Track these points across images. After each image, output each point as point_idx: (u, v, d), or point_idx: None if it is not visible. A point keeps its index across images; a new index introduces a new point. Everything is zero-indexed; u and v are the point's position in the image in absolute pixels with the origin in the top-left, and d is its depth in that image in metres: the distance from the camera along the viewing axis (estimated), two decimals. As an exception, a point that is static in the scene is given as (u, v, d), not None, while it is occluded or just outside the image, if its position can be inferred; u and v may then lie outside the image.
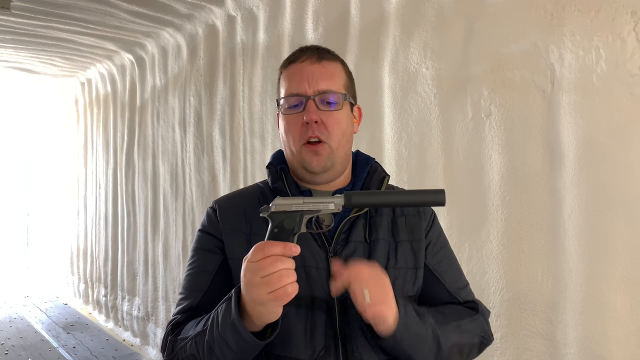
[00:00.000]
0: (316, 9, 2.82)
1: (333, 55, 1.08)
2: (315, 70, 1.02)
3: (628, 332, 1.60)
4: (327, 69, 1.04)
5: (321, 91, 1.01)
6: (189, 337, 0.94)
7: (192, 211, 4.02)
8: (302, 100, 1.01)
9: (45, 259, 7.99)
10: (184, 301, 1.04)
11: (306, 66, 1.03)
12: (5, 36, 4.30)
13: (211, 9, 3.58)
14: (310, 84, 1.01)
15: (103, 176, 5.69)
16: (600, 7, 1.66)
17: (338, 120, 1.02)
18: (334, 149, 1.02)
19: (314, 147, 1.01)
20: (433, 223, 1.13)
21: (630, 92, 1.59)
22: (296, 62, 1.05)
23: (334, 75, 1.04)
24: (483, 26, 2.00)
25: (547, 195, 1.80)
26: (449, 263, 1.12)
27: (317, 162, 1.01)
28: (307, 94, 1.01)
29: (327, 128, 1.01)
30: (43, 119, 7.96)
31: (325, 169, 1.03)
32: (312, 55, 1.04)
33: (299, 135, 1.01)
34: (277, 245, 0.80)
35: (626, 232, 1.61)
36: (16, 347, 4.97)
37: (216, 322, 0.88)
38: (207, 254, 1.05)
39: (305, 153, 1.01)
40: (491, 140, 1.97)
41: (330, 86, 1.02)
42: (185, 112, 4.08)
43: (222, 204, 1.09)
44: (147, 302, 4.64)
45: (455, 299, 1.09)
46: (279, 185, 1.05)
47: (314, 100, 1.00)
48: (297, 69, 1.04)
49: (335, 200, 0.82)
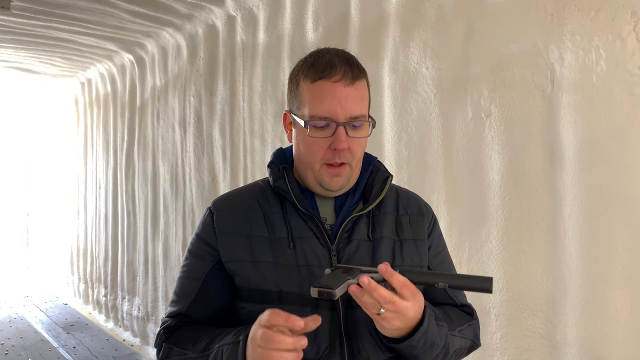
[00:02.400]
0: (316, 9, 2.82)
1: (362, 71, 1.01)
2: (349, 94, 0.97)
3: (628, 332, 1.60)
4: (359, 92, 0.99)
5: (352, 117, 0.97)
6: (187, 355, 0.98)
7: (192, 211, 4.02)
8: (332, 124, 0.97)
9: (45, 259, 7.99)
10: (175, 306, 1.07)
11: (339, 87, 0.96)
12: (5, 36, 4.30)
13: (211, 9, 3.58)
14: (342, 109, 0.96)
15: (103, 176, 5.69)
16: (600, 7, 1.66)
17: (363, 144, 1.02)
18: (353, 168, 1.02)
19: (335, 170, 0.99)
20: (434, 225, 1.13)
21: (630, 92, 1.59)
22: (327, 80, 0.97)
23: (364, 97, 1.00)
24: (483, 26, 2.00)
25: (547, 195, 1.80)
26: (447, 266, 1.14)
27: (336, 182, 1.01)
28: (338, 120, 0.96)
29: (352, 152, 0.99)
30: (43, 119, 7.96)
31: (342, 187, 1.03)
32: (346, 74, 0.97)
33: (321, 156, 0.99)
34: (281, 316, 0.82)
35: (626, 232, 1.61)
36: (16, 347, 4.97)
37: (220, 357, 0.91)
38: (197, 261, 1.05)
39: (326, 174, 1.00)
40: (491, 140, 1.97)
41: (362, 110, 0.99)
42: (185, 112, 4.08)
43: (220, 206, 1.07)
44: (147, 302, 4.65)
45: (452, 301, 1.12)
46: (280, 184, 1.04)
47: (344, 127, 0.96)
48: (330, 90, 0.96)
49: None
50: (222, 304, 1.04)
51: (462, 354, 1.07)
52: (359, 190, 1.07)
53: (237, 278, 1.01)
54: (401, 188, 1.17)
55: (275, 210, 1.04)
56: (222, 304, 1.04)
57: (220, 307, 1.04)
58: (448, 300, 1.11)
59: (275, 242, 1.01)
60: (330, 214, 1.06)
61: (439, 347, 0.95)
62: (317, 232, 1.01)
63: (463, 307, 1.13)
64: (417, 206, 1.12)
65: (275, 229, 1.02)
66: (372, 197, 1.05)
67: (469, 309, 1.13)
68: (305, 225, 1.02)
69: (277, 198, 1.06)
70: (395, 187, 1.16)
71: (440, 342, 0.95)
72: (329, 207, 1.06)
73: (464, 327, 1.06)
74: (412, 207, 1.11)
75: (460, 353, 1.05)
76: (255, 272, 0.99)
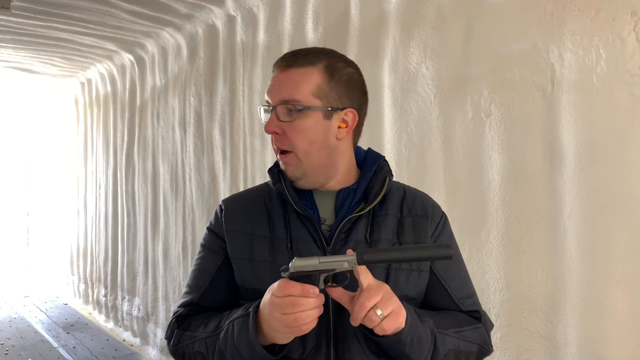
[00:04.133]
0: (316, 9, 2.82)
1: (309, 60, 1.00)
2: (281, 79, 1.01)
3: (628, 332, 1.60)
4: (293, 77, 1.00)
5: (282, 101, 0.99)
6: (197, 336, 1.01)
7: (192, 211, 4.02)
8: (269, 109, 1.02)
9: (45, 259, 7.99)
10: (187, 296, 1.10)
11: (277, 74, 1.03)
12: (5, 36, 4.30)
13: (211, 9, 3.58)
14: (273, 94, 1.01)
15: (103, 176, 5.69)
16: (600, 7, 1.66)
17: (301, 130, 0.99)
18: (302, 159, 1.01)
19: (282, 158, 1.03)
20: (444, 227, 1.10)
21: (630, 92, 1.59)
22: (276, 69, 1.04)
23: (300, 83, 0.99)
24: (483, 26, 2.00)
25: (547, 195, 1.80)
26: (456, 271, 1.10)
27: (288, 171, 1.04)
28: (272, 104, 1.01)
29: (288, 138, 1.00)
30: (43, 119, 7.96)
31: (297, 178, 1.03)
32: (282, 62, 1.02)
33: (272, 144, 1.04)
34: (296, 287, 0.85)
35: (626, 232, 1.60)
36: (16, 347, 4.96)
37: (231, 333, 0.94)
38: (210, 253, 1.09)
39: (280, 162, 1.05)
40: (491, 140, 1.97)
41: (293, 95, 0.98)
42: (185, 112, 4.08)
43: (228, 204, 1.11)
44: (147, 302, 4.65)
45: (458, 308, 1.08)
46: (278, 187, 1.05)
47: (275, 110, 1.00)
48: (273, 77, 1.04)
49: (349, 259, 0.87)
50: (232, 296, 1.07)
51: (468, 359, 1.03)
52: (360, 190, 1.05)
53: (236, 275, 1.05)
54: (410, 188, 1.14)
55: (278, 211, 1.06)
56: (232, 296, 1.07)
57: (230, 298, 1.07)
58: (453, 307, 1.07)
59: (275, 243, 1.02)
60: (330, 214, 1.05)
61: (427, 342, 0.94)
62: (314, 234, 1.01)
63: (471, 313, 1.09)
64: (422, 207, 1.09)
65: (277, 230, 1.04)
66: (371, 197, 1.04)
67: (477, 314, 1.09)
68: (303, 226, 1.02)
69: (280, 200, 1.07)
70: (404, 187, 1.13)
71: (426, 335, 0.94)
72: (329, 207, 1.05)
73: (465, 330, 1.03)
74: (417, 209, 1.08)
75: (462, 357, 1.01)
76: (252, 271, 1.02)
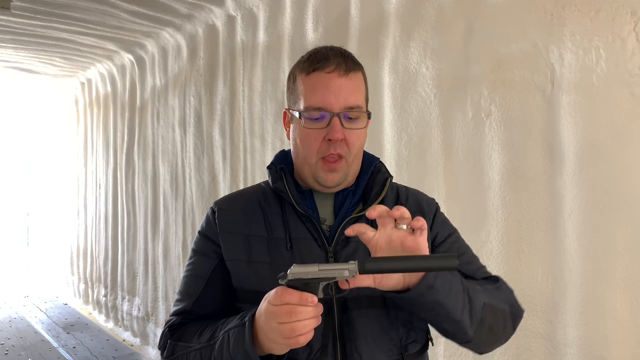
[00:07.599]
0: (316, 9, 2.82)
1: (356, 64, 1.02)
2: (343, 84, 0.97)
3: (628, 332, 1.60)
4: (354, 82, 0.99)
5: (347, 107, 0.97)
6: (192, 347, 0.97)
7: (192, 211, 4.02)
8: (326, 115, 0.97)
9: (45, 259, 7.99)
10: (179, 304, 1.07)
11: (333, 78, 0.97)
12: (5, 36, 4.30)
13: (211, 9, 3.58)
14: (337, 99, 0.97)
15: (103, 176, 5.69)
16: (600, 7, 1.66)
17: (360, 136, 1.00)
18: (350, 164, 1.01)
19: (331, 165, 0.99)
20: (436, 215, 1.11)
21: (630, 92, 1.59)
22: (321, 71, 0.98)
23: (360, 88, 1.00)
24: (483, 26, 2.00)
25: (547, 195, 1.80)
26: (460, 248, 1.09)
27: (332, 178, 1.00)
28: (332, 110, 0.96)
29: (348, 145, 0.98)
30: (43, 119, 7.96)
31: (338, 184, 1.02)
32: (340, 65, 0.98)
33: (317, 149, 0.99)
34: (294, 294, 0.81)
35: (626, 232, 1.60)
36: (16, 347, 4.97)
37: (227, 343, 0.91)
38: (203, 258, 1.06)
39: (321, 169, 1.00)
40: (491, 140, 1.97)
41: (357, 101, 0.98)
42: (185, 112, 4.08)
43: (221, 205, 1.09)
44: (147, 302, 4.65)
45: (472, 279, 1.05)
46: (279, 185, 1.04)
47: (339, 117, 0.97)
48: (323, 80, 0.97)
49: (350, 267, 0.84)
50: (227, 301, 1.04)
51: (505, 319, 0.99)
52: (359, 191, 1.06)
53: (233, 278, 1.02)
54: (401, 186, 1.15)
55: (275, 211, 1.04)
56: (227, 301, 1.04)
57: (225, 303, 1.04)
58: None
59: (273, 243, 1.01)
60: (330, 214, 1.05)
61: (460, 291, 0.90)
62: (315, 233, 1.01)
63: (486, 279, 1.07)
64: (415, 204, 1.10)
65: (274, 229, 1.02)
66: (371, 198, 1.04)
67: (494, 278, 1.06)
68: (303, 226, 1.01)
69: (277, 199, 1.06)
70: (397, 187, 1.14)
71: (457, 284, 0.90)
72: (329, 208, 1.05)
73: (488, 287, 1.00)
74: (411, 206, 1.08)
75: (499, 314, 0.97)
76: (250, 273, 1.00)
